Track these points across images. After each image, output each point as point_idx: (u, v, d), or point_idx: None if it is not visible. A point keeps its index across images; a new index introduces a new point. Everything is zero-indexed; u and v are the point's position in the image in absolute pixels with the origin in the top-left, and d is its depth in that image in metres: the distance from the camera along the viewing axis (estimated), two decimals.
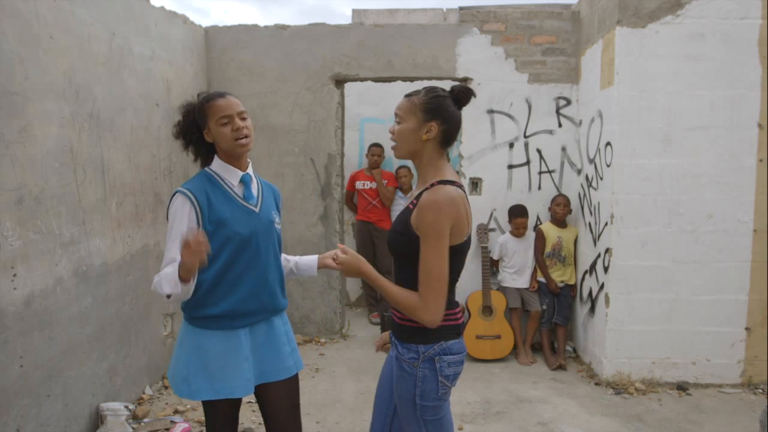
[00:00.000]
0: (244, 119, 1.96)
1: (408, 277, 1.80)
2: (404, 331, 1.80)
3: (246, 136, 1.95)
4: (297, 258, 2.25)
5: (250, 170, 2.07)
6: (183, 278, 1.78)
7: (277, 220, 2.10)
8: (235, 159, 2.00)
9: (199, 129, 2.00)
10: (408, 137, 1.79)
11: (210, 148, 2.03)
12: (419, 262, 1.70)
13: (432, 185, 1.75)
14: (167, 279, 1.81)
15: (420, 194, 1.76)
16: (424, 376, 1.75)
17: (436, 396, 1.77)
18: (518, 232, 4.54)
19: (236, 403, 2.05)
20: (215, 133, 1.95)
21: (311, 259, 2.22)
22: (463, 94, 1.79)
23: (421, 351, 1.76)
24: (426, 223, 1.67)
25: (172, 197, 1.95)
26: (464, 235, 1.76)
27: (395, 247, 1.81)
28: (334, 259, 2.15)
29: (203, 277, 1.91)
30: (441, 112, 1.77)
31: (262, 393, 2.07)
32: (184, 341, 2.00)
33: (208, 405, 2.01)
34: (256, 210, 2.02)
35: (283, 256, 2.20)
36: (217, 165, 2.01)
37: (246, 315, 1.98)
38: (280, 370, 2.06)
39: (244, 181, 2.02)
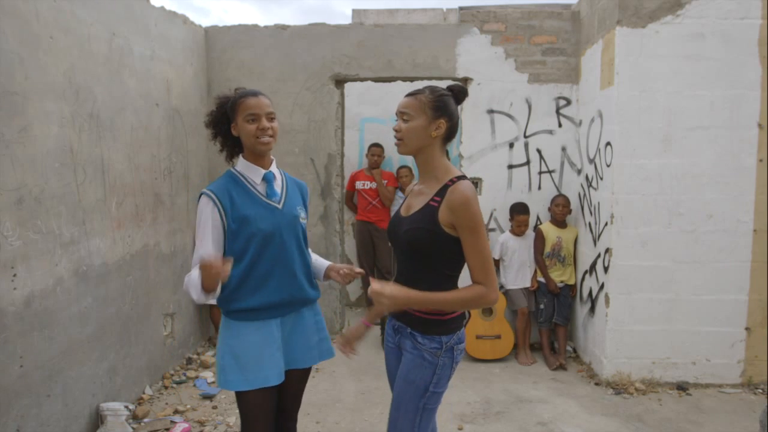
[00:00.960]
0: (271, 120, 2.04)
1: (423, 272, 1.85)
2: (427, 324, 1.87)
3: (270, 136, 2.02)
4: (314, 257, 2.28)
5: (273, 168, 2.13)
6: (206, 290, 1.87)
7: (302, 215, 2.16)
8: (258, 157, 2.08)
9: (229, 122, 2.08)
10: (418, 134, 1.84)
11: (236, 142, 2.11)
12: (470, 253, 1.79)
13: (452, 181, 1.83)
14: (193, 285, 1.89)
15: (441, 191, 1.82)
16: (444, 364, 1.87)
17: (446, 382, 1.90)
18: (519, 230, 4.53)
19: (268, 394, 2.07)
20: (241, 129, 2.03)
21: (321, 265, 2.26)
22: (461, 93, 1.92)
23: (444, 341, 1.86)
24: (468, 217, 1.77)
25: (198, 198, 2.04)
26: None
27: (419, 244, 1.84)
28: (344, 271, 2.18)
29: (231, 274, 1.98)
30: (447, 109, 1.86)
31: None
32: (221, 334, 2.08)
33: (240, 397, 2.06)
34: (279, 206, 2.08)
35: None
36: (242, 165, 2.09)
37: (276, 307, 2.05)
38: (305, 358, 2.16)
39: (267, 179, 2.09)
